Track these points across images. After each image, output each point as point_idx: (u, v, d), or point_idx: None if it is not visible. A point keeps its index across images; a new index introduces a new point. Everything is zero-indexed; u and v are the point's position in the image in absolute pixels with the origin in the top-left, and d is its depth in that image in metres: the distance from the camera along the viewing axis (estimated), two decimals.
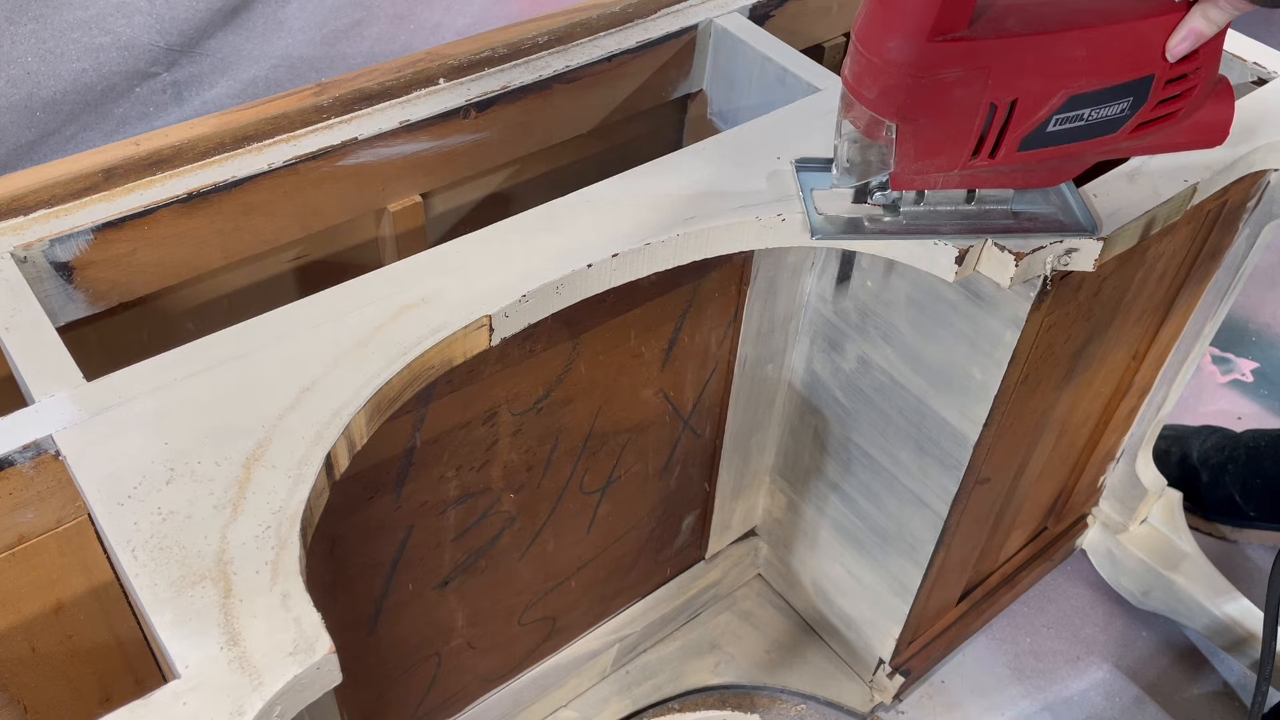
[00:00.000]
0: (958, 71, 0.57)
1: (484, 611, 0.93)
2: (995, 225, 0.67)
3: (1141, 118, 0.61)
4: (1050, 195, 0.70)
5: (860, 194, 0.67)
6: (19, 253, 0.63)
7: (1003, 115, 0.59)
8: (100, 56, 1.06)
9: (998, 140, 0.60)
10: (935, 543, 0.95)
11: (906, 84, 0.57)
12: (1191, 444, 1.34)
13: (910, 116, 0.59)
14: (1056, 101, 0.59)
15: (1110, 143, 0.63)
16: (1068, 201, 0.70)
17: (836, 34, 1.01)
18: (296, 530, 0.49)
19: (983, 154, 0.61)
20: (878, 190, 0.66)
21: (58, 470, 0.53)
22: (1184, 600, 1.21)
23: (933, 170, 0.62)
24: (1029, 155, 0.62)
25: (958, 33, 0.56)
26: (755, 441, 1.07)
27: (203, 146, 0.70)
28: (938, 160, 0.62)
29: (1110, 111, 0.60)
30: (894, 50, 0.57)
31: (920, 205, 0.67)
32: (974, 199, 0.67)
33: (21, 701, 0.61)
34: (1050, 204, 0.69)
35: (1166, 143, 0.65)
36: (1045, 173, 0.65)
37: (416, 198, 0.80)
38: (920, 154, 0.61)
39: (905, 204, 0.67)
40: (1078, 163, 0.64)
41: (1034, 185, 0.66)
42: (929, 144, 0.61)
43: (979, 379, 0.82)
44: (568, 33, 0.84)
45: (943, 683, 1.17)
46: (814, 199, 0.68)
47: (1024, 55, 0.57)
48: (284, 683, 0.44)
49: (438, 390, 0.73)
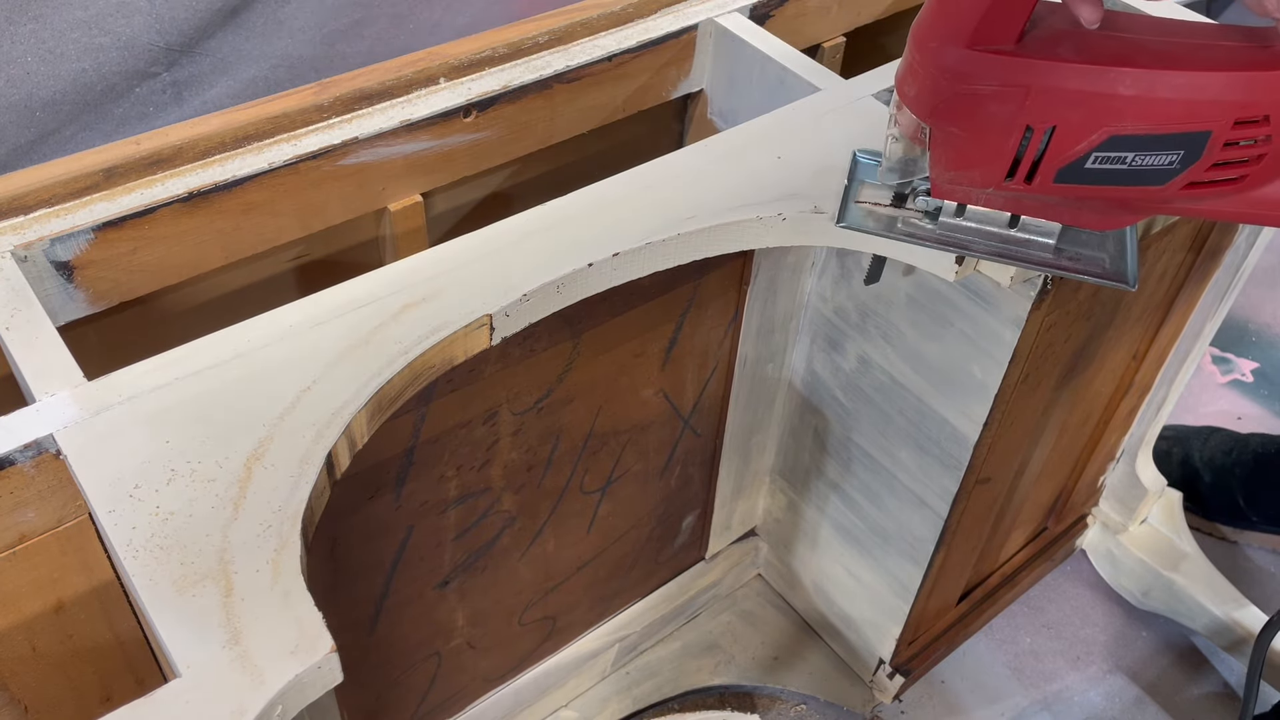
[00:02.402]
0: (994, 85, 0.55)
1: (484, 611, 0.93)
2: (1032, 256, 0.64)
3: (1193, 176, 0.57)
4: (1107, 241, 0.66)
5: (902, 198, 0.66)
6: (19, 252, 0.63)
7: (1039, 141, 0.56)
8: (100, 56, 1.06)
9: (1034, 166, 0.58)
10: (935, 543, 0.95)
11: (941, 88, 0.56)
12: (1192, 444, 1.34)
13: (943, 122, 0.58)
14: (1097, 138, 0.56)
15: (1158, 196, 0.59)
16: (1123, 250, 0.66)
17: (836, 34, 1.01)
18: (297, 530, 0.49)
19: (1018, 177, 0.58)
20: (921, 195, 0.65)
21: (58, 469, 0.53)
22: (1184, 600, 1.21)
23: (968, 183, 0.60)
24: (1067, 189, 0.58)
25: (1001, 46, 0.55)
26: (755, 441, 1.07)
27: (203, 146, 0.70)
28: (971, 174, 0.59)
29: (1156, 161, 0.57)
30: (934, 52, 0.55)
31: (960, 219, 0.65)
32: (1018, 225, 0.65)
33: (22, 701, 0.61)
34: (1103, 249, 0.65)
35: (1227, 210, 0.60)
36: (1092, 214, 0.61)
37: (416, 198, 0.80)
38: (953, 163, 0.59)
39: (945, 214, 0.65)
40: (1128, 211, 0.61)
41: (1081, 225, 0.62)
42: (962, 155, 0.59)
43: (979, 378, 0.82)
44: (568, 32, 0.84)
45: (943, 683, 1.17)
46: (859, 190, 0.67)
47: (1066, 82, 0.54)
48: (285, 682, 0.44)
49: (438, 390, 0.73)
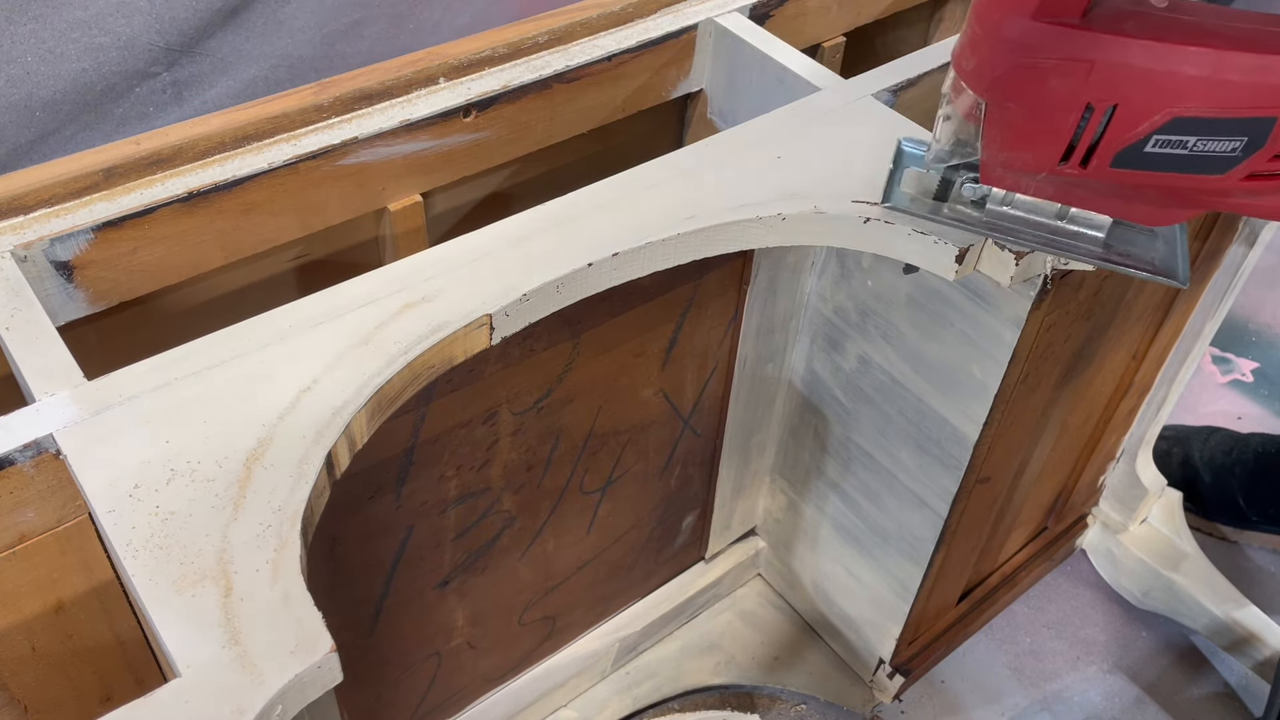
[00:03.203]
0: (1057, 59, 0.54)
1: (484, 611, 0.93)
2: (1081, 249, 0.63)
3: (1255, 166, 0.55)
4: (1158, 240, 0.64)
5: (947, 187, 0.65)
6: (19, 252, 0.63)
7: (1099, 120, 0.55)
8: (100, 56, 1.06)
9: (1091, 148, 0.56)
10: (935, 542, 0.95)
11: (1003, 60, 0.55)
12: (1193, 444, 1.34)
13: (1001, 97, 0.56)
14: (1159, 119, 0.54)
15: (1216, 187, 0.57)
16: (1174, 248, 0.64)
17: (836, 34, 1.01)
18: (297, 529, 0.49)
19: (1073, 160, 0.57)
20: (968, 182, 0.64)
21: (58, 469, 0.53)
22: (1184, 600, 1.21)
23: (1020, 167, 0.59)
24: (1124, 175, 0.57)
25: (1066, 19, 0.53)
26: (755, 441, 1.07)
27: (203, 146, 0.70)
28: (1025, 155, 0.58)
29: (1218, 147, 0.55)
30: (997, 23, 0.54)
31: (1007, 207, 0.64)
32: (1067, 217, 0.63)
33: (22, 701, 0.61)
34: (1154, 248, 0.64)
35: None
36: (1146, 206, 0.59)
37: (416, 197, 0.80)
38: (1008, 143, 0.58)
39: (992, 202, 0.64)
40: (1184, 204, 0.59)
41: (1134, 218, 0.61)
42: (1018, 134, 0.57)
43: (979, 378, 0.82)
44: (568, 32, 0.84)
45: (943, 683, 1.17)
46: (904, 176, 0.67)
47: (1132, 59, 0.53)
48: (285, 682, 0.44)
49: (438, 389, 0.73)
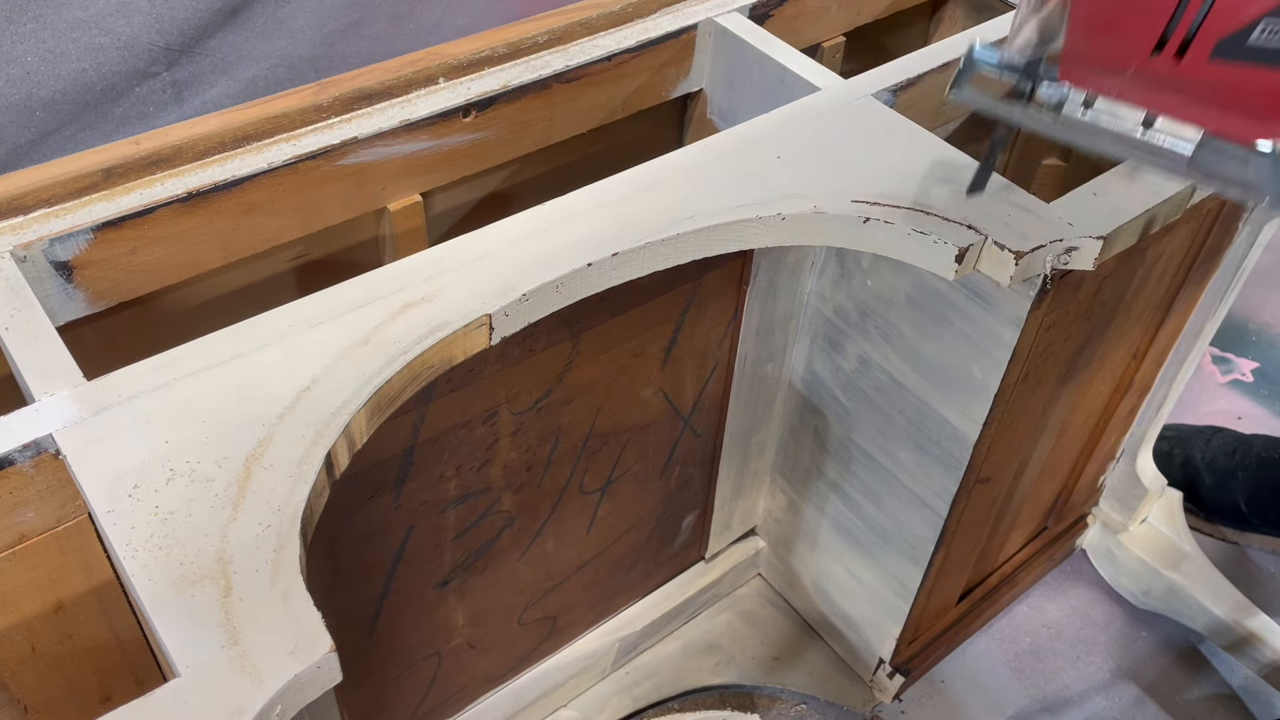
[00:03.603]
0: None
1: (484, 611, 0.93)
2: (1164, 164, 0.57)
3: None
4: (1251, 163, 0.56)
5: (1020, 95, 0.60)
6: (19, 252, 0.63)
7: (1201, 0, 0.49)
8: (100, 56, 1.07)
9: (1188, 36, 0.50)
10: (935, 542, 0.95)
11: None
12: (1194, 445, 1.33)
13: None
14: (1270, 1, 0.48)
15: None
16: (1265, 175, 0.56)
17: (836, 34, 1.01)
18: (297, 529, 0.49)
19: (1167, 51, 0.51)
20: (1045, 81, 0.58)
21: (58, 469, 0.53)
22: (1184, 600, 1.21)
23: (1106, 60, 0.54)
24: (1223, 70, 0.50)
25: None
26: (755, 441, 1.07)
27: (203, 146, 0.70)
28: (1112, 44, 0.53)
29: None
30: None
31: (1086, 115, 0.58)
32: (1151, 128, 0.57)
33: (21, 701, 0.61)
34: (1246, 171, 0.56)
35: None
36: (1242, 118, 0.53)
37: (416, 197, 0.80)
38: (1096, 27, 0.53)
39: (1070, 108, 0.58)
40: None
41: (1227, 131, 0.54)
42: (1109, 13, 0.52)
43: (979, 378, 0.82)
44: (567, 32, 0.84)
45: (943, 683, 1.17)
46: (974, 79, 0.61)
47: None
48: (284, 682, 0.44)
49: (438, 389, 0.73)
